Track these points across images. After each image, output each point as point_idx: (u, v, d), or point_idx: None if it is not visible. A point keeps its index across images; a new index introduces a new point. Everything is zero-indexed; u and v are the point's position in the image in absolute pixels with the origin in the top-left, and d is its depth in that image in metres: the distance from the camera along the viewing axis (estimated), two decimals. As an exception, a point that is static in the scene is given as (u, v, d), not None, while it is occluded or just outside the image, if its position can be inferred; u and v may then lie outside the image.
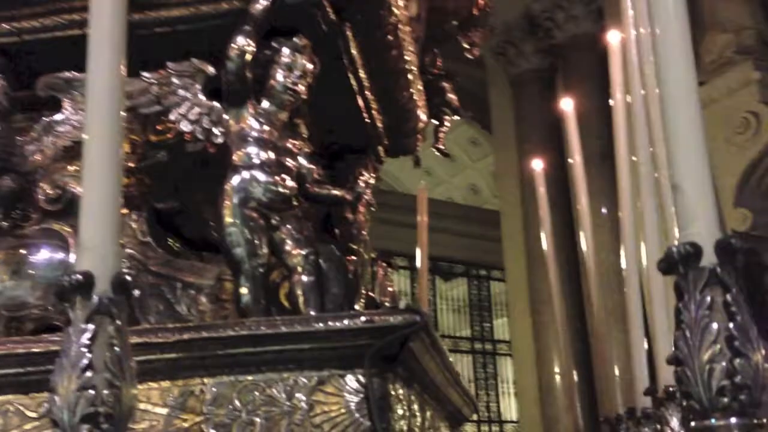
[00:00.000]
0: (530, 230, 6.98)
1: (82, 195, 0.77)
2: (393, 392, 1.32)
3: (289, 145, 1.65)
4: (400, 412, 1.37)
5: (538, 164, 2.83)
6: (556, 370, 6.09)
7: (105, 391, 0.71)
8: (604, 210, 6.55)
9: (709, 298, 0.70)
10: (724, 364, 0.67)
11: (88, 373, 0.71)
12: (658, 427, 1.52)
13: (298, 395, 1.29)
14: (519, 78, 6.94)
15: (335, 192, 1.76)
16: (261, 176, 1.58)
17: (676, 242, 0.75)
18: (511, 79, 7.04)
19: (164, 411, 1.31)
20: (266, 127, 1.61)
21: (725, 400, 0.67)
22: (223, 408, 1.30)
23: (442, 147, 2.41)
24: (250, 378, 1.31)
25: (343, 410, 1.28)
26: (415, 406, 1.53)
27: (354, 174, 2.18)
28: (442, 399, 1.77)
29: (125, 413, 0.73)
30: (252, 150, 1.60)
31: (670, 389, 1.51)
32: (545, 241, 2.92)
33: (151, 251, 1.79)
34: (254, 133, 1.61)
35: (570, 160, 2.57)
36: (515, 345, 7.17)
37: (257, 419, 1.29)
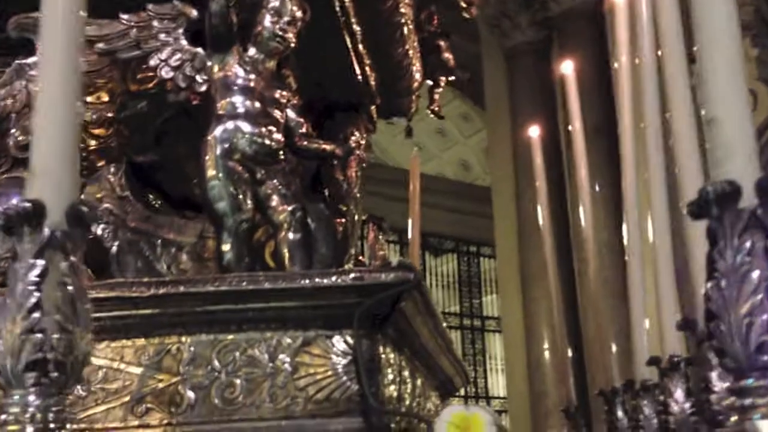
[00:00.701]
0: (522, 205, 6.90)
1: (34, 117, 0.68)
2: (383, 355, 1.24)
3: (277, 96, 1.55)
4: (390, 376, 1.28)
5: (534, 131, 2.74)
6: (546, 346, 6.04)
7: (54, 336, 0.61)
8: (597, 188, 6.48)
9: (748, 244, 0.61)
10: (765, 317, 0.59)
11: (36, 315, 0.61)
12: (661, 398, 1.45)
13: (281, 356, 1.21)
14: (513, 50, 6.82)
15: (325, 146, 1.67)
16: (246, 127, 1.49)
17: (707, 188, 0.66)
18: (505, 52, 6.91)
19: (138, 370, 1.22)
20: (252, 76, 1.51)
21: (765, 357, 0.59)
22: (202, 368, 1.21)
23: (436, 109, 2.31)
24: (230, 337, 1.22)
25: (329, 373, 1.19)
26: (406, 373, 1.45)
27: (344, 133, 2.09)
28: (433, 367, 1.69)
29: (78, 362, 0.64)
30: (237, 99, 1.50)
31: (675, 359, 1.44)
32: (540, 212, 2.83)
33: (130, 206, 1.69)
34: (240, 81, 1.50)
35: (570, 127, 2.47)
36: (505, 321, 7.13)
37: (237, 381, 1.20)
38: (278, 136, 1.53)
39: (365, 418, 1.14)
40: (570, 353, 3.16)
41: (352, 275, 1.18)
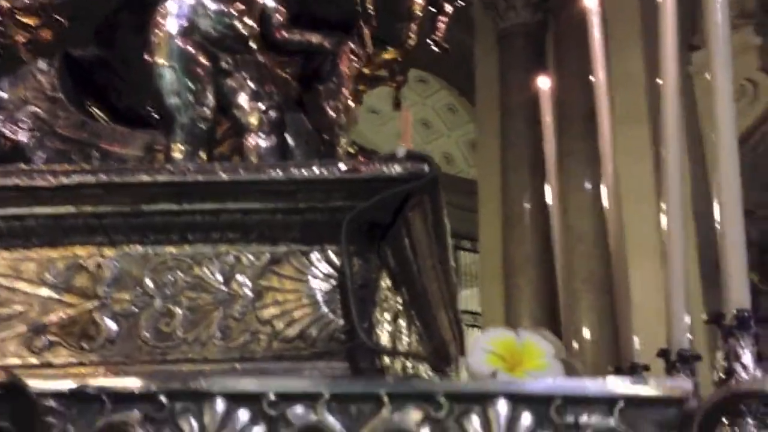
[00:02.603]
0: (507, 198, 6.64)
1: None
2: (382, 284, 0.92)
3: (251, -30, 1.22)
4: (387, 316, 0.96)
5: (544, 83, 2.42)
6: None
7: None
8: (588, 185, 6.21)
9: None
10: None
11: None
12: (724, 364, 1.14)
13: (239, 278, 0.88)
14: (506, 31, 6.56)
15: (311, 38, 1.34)
16: (210, 2, 1.17)
17: None
18: (498, 32, 6.65)
19: (42, 291, 0.89)
20: (221, -60, 1.19)
21: None
22: (129, 291, 0.88)
23: (438, 39, 1.99)
24: (170, 250, 0.89)
25: (304, 301, 0.87)
26: (402, 323, 1.13)
27: (334, 59, 1.76)
28: (430, 324, 1.36)
29: None
30: (200, -33, 1.17)
31: (745, 314, 1.13)
32: (549, 184, 2.48)
33: (62, 110, 1.36)
34: (204, -54, 1.18)
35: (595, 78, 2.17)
36: (485, 314, 6.85)
37: (177, 309, 0.87)
38: (251, 22, 1.21)
39: (352, 363, 0.82)
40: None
41: (342, 166, 0.85)
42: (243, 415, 0.58)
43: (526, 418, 0.55)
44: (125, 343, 0.86)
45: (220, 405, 0.57)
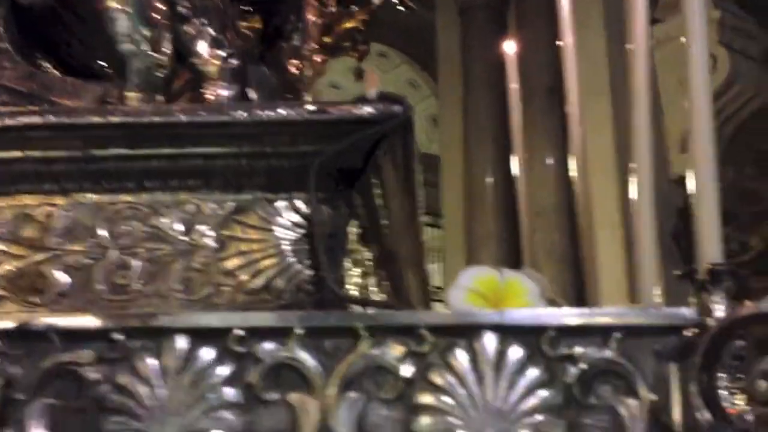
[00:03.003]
0: (470, 173, 6.64)
1: None
2: (351, 235, 0.88)
3: None
4: (357, 270, 0.92)
5: (510, 47, 2.38)
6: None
7: None
8: (550, 160, 6.21)
9: None
10: None
11: None
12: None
13: (201, 228, 0.83)
14: (468, 5, 6.50)
15: (272, -17, 1.27)
16: (166, -58, 1.10)
17: None
18: (460, 6, 6.60)
19: (-14, 244, 0.82)
20: None
21: None
22: (81, 242, 0.82)
23: (405, -2, 1.93)
24: (126, 198, 0.84)
25: (270, 251, 0.82)
26: (372, 280, 1.09)
27: (297, 14, 1.69)
28: (397, 285, 1.32)
29: None
30: None
31: (718, 268, 1.11)
32: (515, 154, 2.43)
33: (8, 61, 1.27)
34: None
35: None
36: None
37: (134, 261, 0.82)
38: (210, -36, 1.14)
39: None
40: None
41: (310, 107, 0.80)
42: (207, 353, 0.53)
43: (516, 352, 0.51)
44: (78, 296, 0.80)
45: (181, 342, 0.52)
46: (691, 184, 1.38)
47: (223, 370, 0.52)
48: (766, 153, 5.66)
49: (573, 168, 2.08)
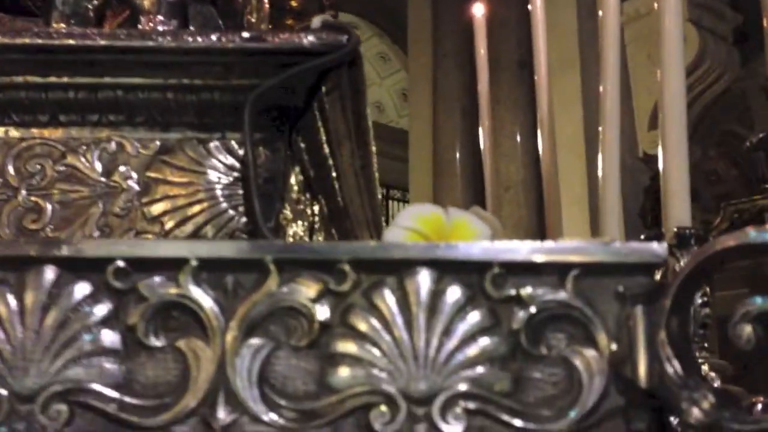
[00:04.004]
0: (438, 147, 6.58)
1: None
2: (294, 184, 0.80)
3: None
4: (300, 224, 0.84)
5: (479, 9, 2.30)
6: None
7: None
8: (519, 136, 6.19)
9: None
10: None
11: None
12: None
13: (123, 169, 0.74)
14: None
15: None
16: None
17: None
18: (433, -23, 6.49)
19: None
20: None
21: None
22: (-15, 181, 0.73)
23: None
24: (38, 134, 0.75)
25: (200, 196, 0.74)
26: (320, 238, 1.01)
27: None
28: (336, 218, 1.22)
29: None
30: None
31: (686, 231, 1.06)
32: (482, 125, 2.35)
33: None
34: None
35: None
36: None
37: (47, 204, 0.73)
38: None
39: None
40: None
41: (245, 34, 0.72)
42: (81, 288, 0.44)
43: (455, 292, 0.43)
44: (-19, 242, 0.71)
45: (48, 274, 0.43)
46: (660, 156, 1.32)
47: (100, 310, 0.43)
48: (730, 134, 5.66)
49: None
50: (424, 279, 0.42)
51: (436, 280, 0.42)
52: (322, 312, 0.43)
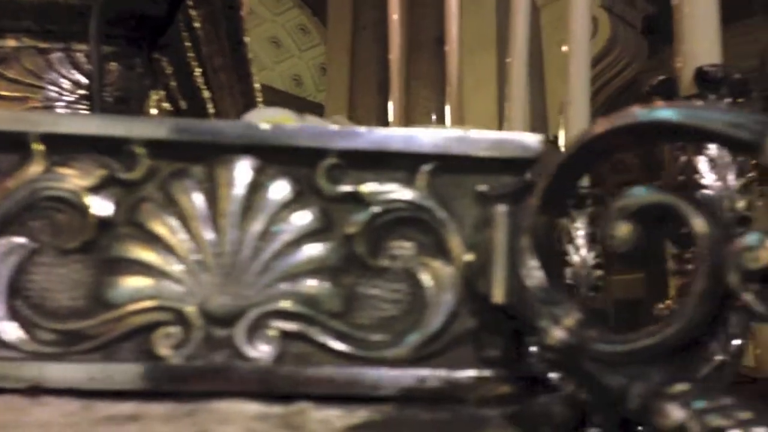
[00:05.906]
0: (354, 121, 6.49)
1: None
2: (153, 103, 0.71)
3: None
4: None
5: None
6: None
7: None
8: (434, 113, 6.18)
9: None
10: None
11: None
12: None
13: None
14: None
15: None
16: None
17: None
18: (354, -54, 6.37)
19: None
20: None
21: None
22: None
23: None
24: None
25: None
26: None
27: None
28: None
29: None
30: None
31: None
32: (392, 97, 2.27)
33: None
34: None
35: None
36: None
37: None
38: None
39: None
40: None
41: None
42: None
43: (279, 187, 0.34)
44: None
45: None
46: (562, 139, 1.29)
47: None
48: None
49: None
50: (240, 169, 0.33)
51: (257, 171, 0.34)
52: (102, 206, 0.33)
